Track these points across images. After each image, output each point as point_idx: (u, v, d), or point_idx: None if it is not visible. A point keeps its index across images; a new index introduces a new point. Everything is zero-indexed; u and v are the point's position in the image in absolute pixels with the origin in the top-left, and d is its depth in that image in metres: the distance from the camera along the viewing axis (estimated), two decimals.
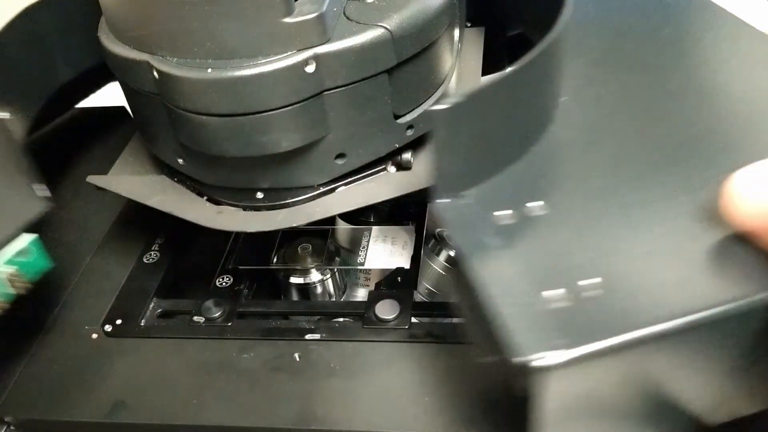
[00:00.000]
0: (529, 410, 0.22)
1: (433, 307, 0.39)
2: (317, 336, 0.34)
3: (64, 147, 0.50)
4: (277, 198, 0.33)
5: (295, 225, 0.32)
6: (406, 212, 0.42)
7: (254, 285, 0.40)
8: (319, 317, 0.38)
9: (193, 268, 0.44)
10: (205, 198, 0.35)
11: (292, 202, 0.33)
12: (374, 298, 0.36)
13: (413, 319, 0.35)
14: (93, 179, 0.37)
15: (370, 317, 0.35)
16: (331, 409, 0.31)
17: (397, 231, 0.41)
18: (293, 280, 0.40)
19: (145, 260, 0.40)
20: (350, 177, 0.33)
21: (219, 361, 0.33)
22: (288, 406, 0.31)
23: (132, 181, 0.37)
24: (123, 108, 0.53)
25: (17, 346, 0.35)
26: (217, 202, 0.34)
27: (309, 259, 0.40)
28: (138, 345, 0.35)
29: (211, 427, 0.31)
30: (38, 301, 0.38)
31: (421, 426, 0.30)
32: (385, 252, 0.41)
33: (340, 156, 0.32)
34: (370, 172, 0.33)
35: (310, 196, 0.33)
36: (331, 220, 0.46)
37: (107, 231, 0.42)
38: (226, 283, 0.38)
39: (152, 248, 0.40)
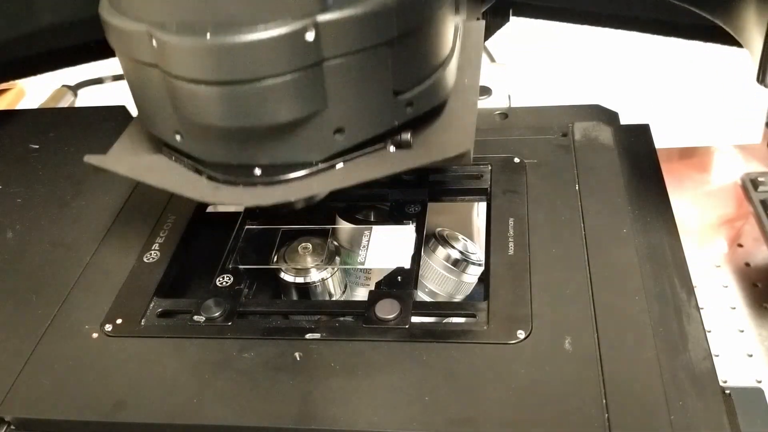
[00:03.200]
0: None
1: (433, 307, 0.39)
2: (317, 335, 0.34)
3: (65, 147, 0.50)
4: (275, 174, 0.32)
5: (292, 200, 0.32)
6: (406, 212, 0.42)
7: (254, 284, 0.40)
8: (319, 316, 0.38)
9: (193, 268, 0.44)
10: (204, 176, 0.34)
11: (291, 178, 0.32)
12: (374, 297, 0.36)
13: (413, 319, 0.35)
14: (90, 158, 0.36)
15: (371, 316, 0.35)
16: (331, 409, 0.31)
17: (397, 230, 0.41)
18: (293, 279, 0.40)
19: (145, 260, 0.40)
20: (349, 154, 0.33)
21: (219, 361, 0.33)
22: (288, 406, 0.31)
23: (130, 160, 0.36)
24: (123, 108, 0.53)
25: (17, 346, 0.35)
26: (215, 180, 0.34)
27: (309, 259, 0.40)
28: (138, 344, 0.35)
29: (211, 426, 0.31)
30: (38, 301, 0.38)
31: (420, 426, 0.30)
32: (385, 251, 0.41)
33: (339, 131, 0.31)
34: (369, 150, 0.33)
35: (309, 173, 0.32)
36: (331, 220, 0.46)
37: (107, 231, 0.42)
38: (227, 282, 0.38)
39: (152, 248, 0.40)
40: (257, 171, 0.32)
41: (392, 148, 0.33)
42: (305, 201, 0.36)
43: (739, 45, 0.46)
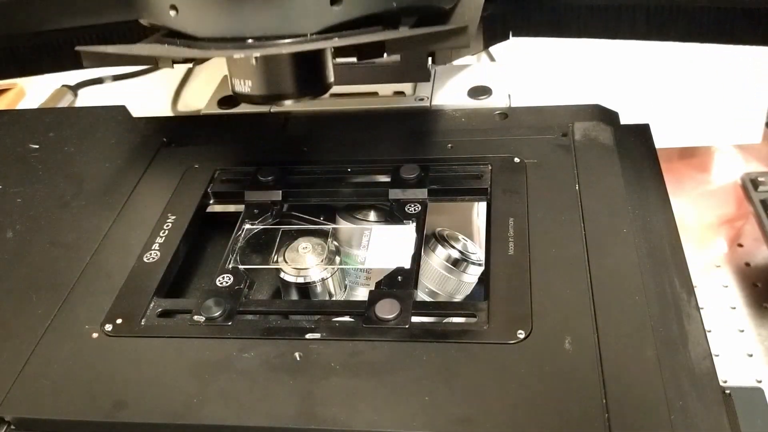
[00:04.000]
0: None
1: (433, 307, 0.39)
2: (317, 335, 0.34)
3: (65, 147, 0.50)
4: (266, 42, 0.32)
5: (284, 51, 0.31)
6: (406, 212, 0.42)
7: (254, 284, 0.40)
8: (319, 316, 0.38)
9: (193, 268, 0.44)
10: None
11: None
12: (374, 297, 0.36)
13: (413, 319, 0.35)
14: (83, 48, 0.34)
15: (371, 316, 0.35)
16: (331, 409, 0.31)
17: (397, 230, 0.41)
18: (293, 279, 0.40)
19: (145, 260, 0.40)
20: (344, 31, 0.32)
21: (219, 361, 0.33)
22: (288, 406, 0.31)
23: (120, 47, 0.35)
24: (123, 108, 0.53)
25: (17, 345, 0.35)
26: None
27: (309, 259, 0.40)
28: (138, 344, 0.35)
29: (211, 426, 0.31)
30: (38, 300, 0.38)
31: (420, 425, 0.30)
32: (385, 251, 0.41)
33: (336, 0, 0.31)
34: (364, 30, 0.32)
35: (301, 42, 0.32)
36: (331, 220, 0.46)
37: (107, 230, 0.42)
38: (227, 282, 0.38)
39: (152, 248, 0.40)
40: (250, 41, 0.32)
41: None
42: (295, 93, 0.35)
43: (736, 43, 0.46)
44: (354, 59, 0.32)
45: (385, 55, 0.32)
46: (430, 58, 0.52)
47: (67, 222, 0.43)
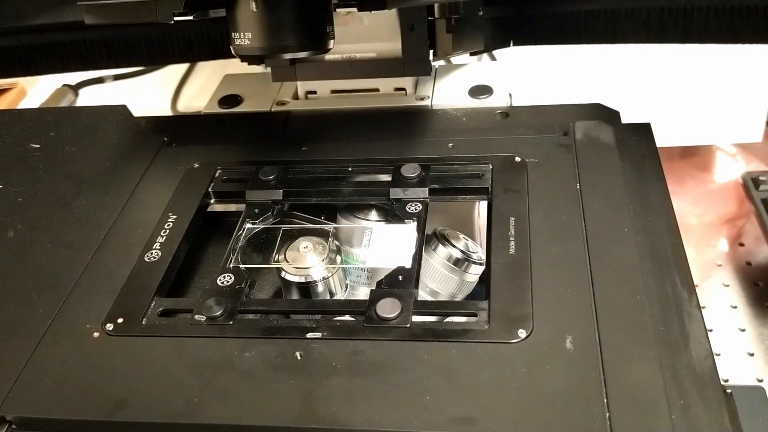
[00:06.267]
0: None
1: (434, 306, 0.39)
2: (318, 335, 0.34)
3: (65, 146, 0.50)
4: None
5: None
6: (407, 211, 0.42)
7: (255, 284, 0.40)
8: (320, 316, 0.38)
9: (194, 267, 0.44)
10: None
11: None
12: (375, 296, 0.36)
13: (414, 318, 0.35)
14: (84, 2, 0.34)
15: (372, 316, 0.35)
16: (331, 408, 0.31)
17: (398, 229, 0.41)
18: (294, 278, 0.40)
19: (146, 259, 0.40)
20: None
21: (220, 360, 0.33)
22: (289, 405, 0.31)
23: None
24: (124, 107, 0.53)
25: (19, 345, 0.35)
26: None
27: (310, 258, 0.40)
28: (139, 344, 0.35)
29: (212, 425, 0.31)
30: (39, 300, 0.38)
31: (421, 425, 0.30)
32: (386, 250, 0.41)
33: None
34: None
35: None
36: (332, 219, 0.46)
37: (108, 230, 0.42)
38: (228, 281, 0.38)
39: (153, 247, 0.40)
40: None
41: None
42: (295, 46, 0.35)
43: (736, 43, 0.46)
44: (356, 54, 0.31)
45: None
46: (431, 51, 0.52)
47: (68, 221, 0.43)
